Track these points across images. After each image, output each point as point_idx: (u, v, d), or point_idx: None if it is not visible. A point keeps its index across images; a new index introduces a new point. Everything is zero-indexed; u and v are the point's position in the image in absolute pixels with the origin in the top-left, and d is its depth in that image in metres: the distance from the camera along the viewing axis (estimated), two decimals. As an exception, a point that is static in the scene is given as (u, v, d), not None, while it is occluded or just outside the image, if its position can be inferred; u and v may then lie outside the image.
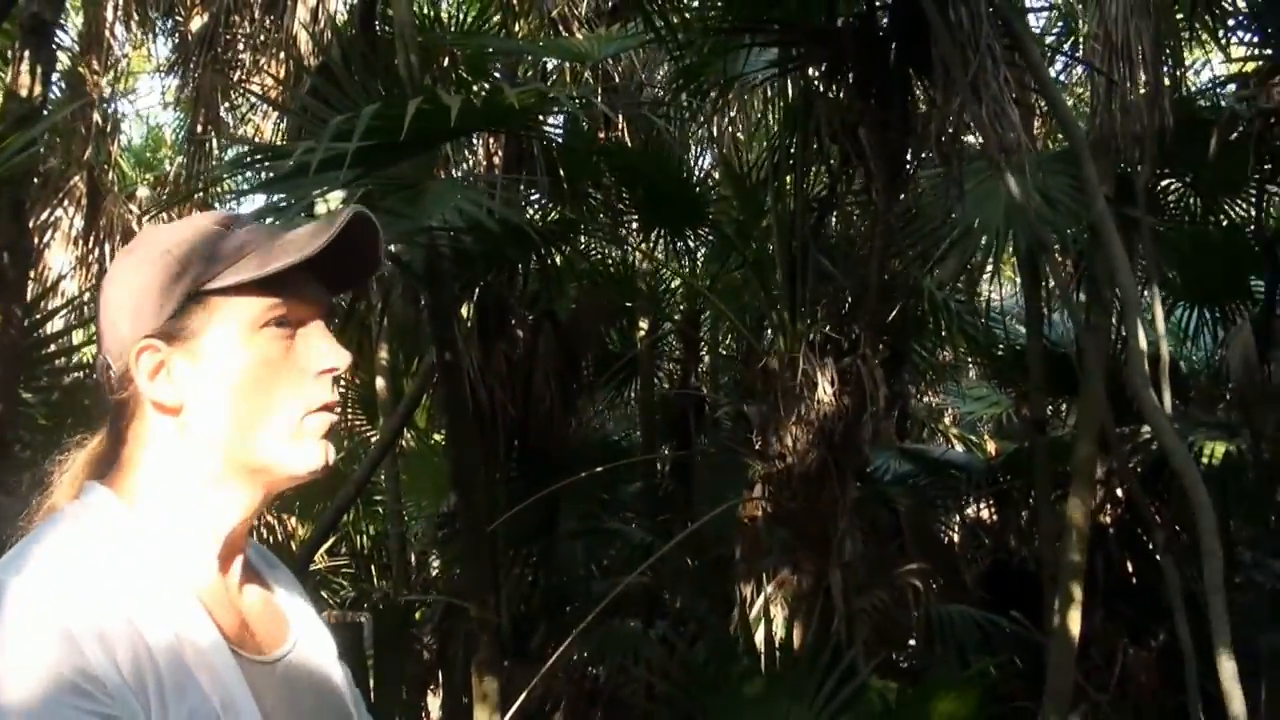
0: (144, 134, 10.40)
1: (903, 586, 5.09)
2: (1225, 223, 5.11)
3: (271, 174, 3.82)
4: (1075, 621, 4.57)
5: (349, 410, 7.19)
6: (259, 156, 4.13)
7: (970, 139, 4.53)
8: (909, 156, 4.60)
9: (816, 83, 4.57)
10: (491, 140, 5.87)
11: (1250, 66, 4.79)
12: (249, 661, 1.13)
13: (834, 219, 5.33)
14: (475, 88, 6.00)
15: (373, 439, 6.93)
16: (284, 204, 3.74)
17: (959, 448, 8.95)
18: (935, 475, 7.10)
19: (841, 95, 4.46)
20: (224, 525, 1.17)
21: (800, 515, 4.50)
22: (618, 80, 6.17)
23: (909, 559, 5.70)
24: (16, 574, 1.03)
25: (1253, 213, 5.12)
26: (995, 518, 8.06)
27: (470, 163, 6.06)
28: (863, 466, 5.92)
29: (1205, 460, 5.61)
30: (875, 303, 4.54)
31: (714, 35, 4.67)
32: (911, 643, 5.73)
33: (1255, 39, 4.80)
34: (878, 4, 4.38)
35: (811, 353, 4.46)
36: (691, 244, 6.27)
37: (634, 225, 5.98)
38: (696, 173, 6.84)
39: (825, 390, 4.45)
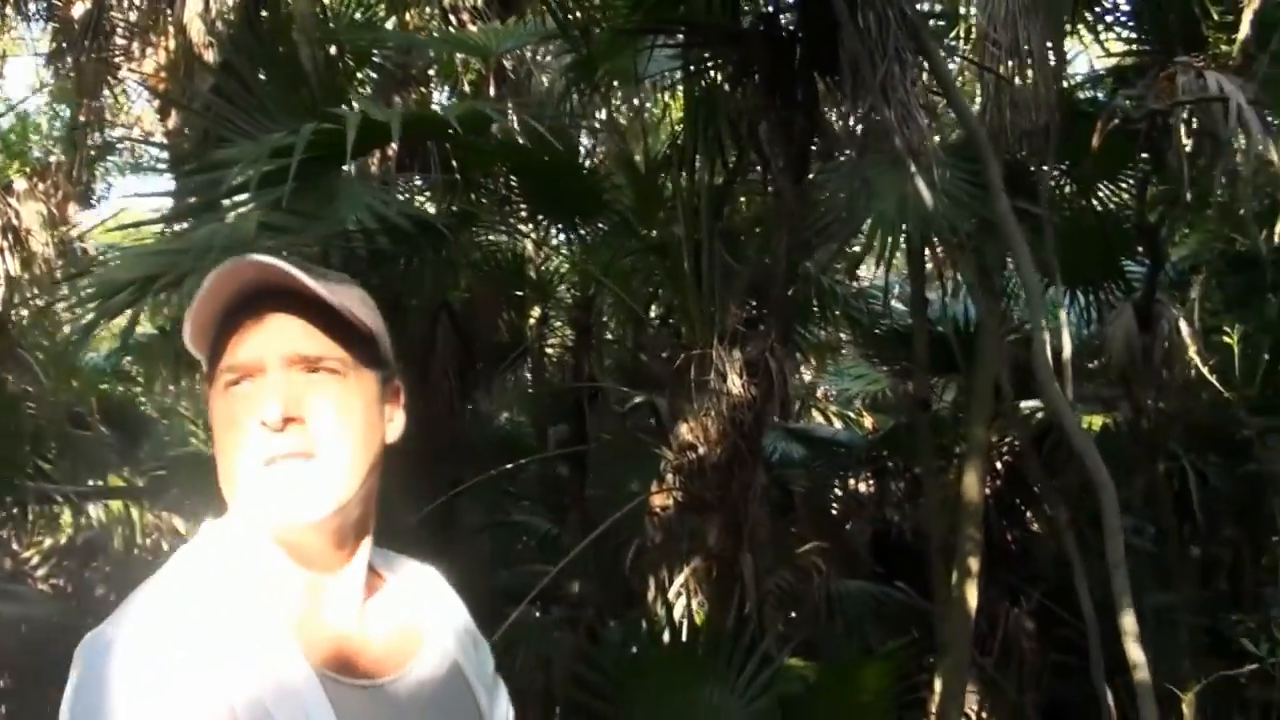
0: (12, 121, 9.94)
1: (805, 565, 5.27)
2: (1100, 210, 5.38)
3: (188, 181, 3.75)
4: (972, 594, 4.81)
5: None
6: (188, 167, 4.04)
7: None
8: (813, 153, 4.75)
9: (723, 82, 4.66)
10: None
11: (1128, 62, 5.08)
12: (348, 687, 1.17)
13: (737, 208, 5.44)
14: (359, 76, 5.96)
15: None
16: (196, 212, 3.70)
17: (837, 424, 9.23)
18: (820, 453, 7.32)
19: (748, 93, 4.58)
20: (282, 560, 1.22)
21: (713, 503, 4.63)
22: (509, 71, 6.19)
23: (804, 537, 5.89)
24: (115, 628, 1.11)
25: (1127, 201, 5.41)
26: (874, 491, 8.36)
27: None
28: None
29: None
30: (782, 293, 4.68)
31: (620, 33, 4.73)
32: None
33: (1134, 35, 5.07)
34: (783, 6, 4.50)
35: (722, 344, 4.58)
36: (583, 233, 6.32)
37: (523, 214, 6.01)
38: (591, 163, 6.88)
39: (735, 382, 4.58)
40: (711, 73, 4.85)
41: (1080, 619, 6.07)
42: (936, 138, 5.12)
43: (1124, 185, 5.33)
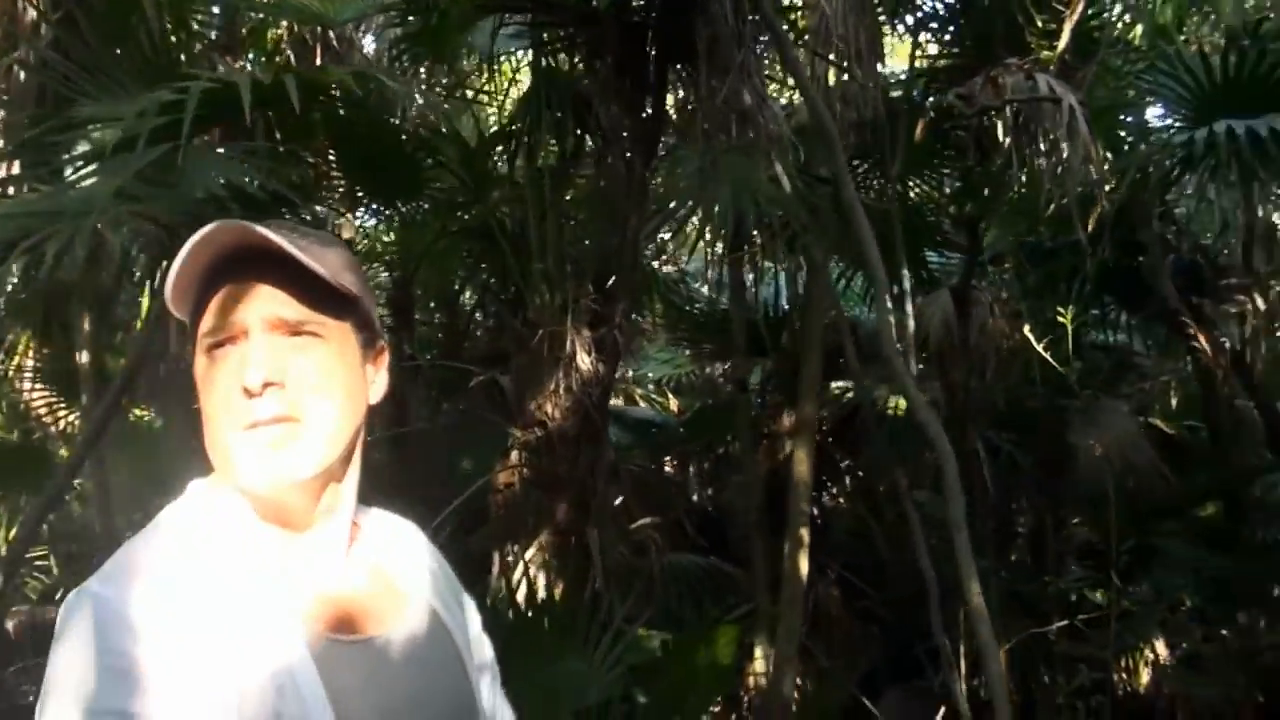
0: None
1: (641, 540, 5.39)
2: (919, 202, 5.70)
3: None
4: (804, 564, 5.03)
5: (42, 387, 6.59)
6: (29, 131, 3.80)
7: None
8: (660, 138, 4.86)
9: (577, 63, 4.71)
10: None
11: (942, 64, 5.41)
12: (334, 643, 1.19)
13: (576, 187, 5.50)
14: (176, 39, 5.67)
15: (75, 419, 6.41)
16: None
17: (643, 406, 9.42)
18: (637, 434, 7.49)
19: (598, 74, 4.64)
20: (266, 520, 1.24)
21: (563, 478, 4.68)
22: (334, 42, 6.04)
23: (634, 514, 6.02)
24: (101, 584, 1.14)
25: (944, 193, 5.76)
26: (676, 470, 8.60)
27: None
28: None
29: (891, 410, 6.31)
30: (629, 274, 4.78)
31: (470, 8, 4.70)
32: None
33: (951, 38, 5.40)
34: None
35: (571, 322, 4.64)
36: (403, 210, 6.23)
37: (341, 190, 5.89)
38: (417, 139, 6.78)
39: (584, 359, 4.64)
40: (561, 53, 4.88)
41: (879, 589, 6.49)
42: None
43: (942, 177, 5.67)
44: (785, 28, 5.80)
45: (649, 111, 4.58)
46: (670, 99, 4.82)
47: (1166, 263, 5.29)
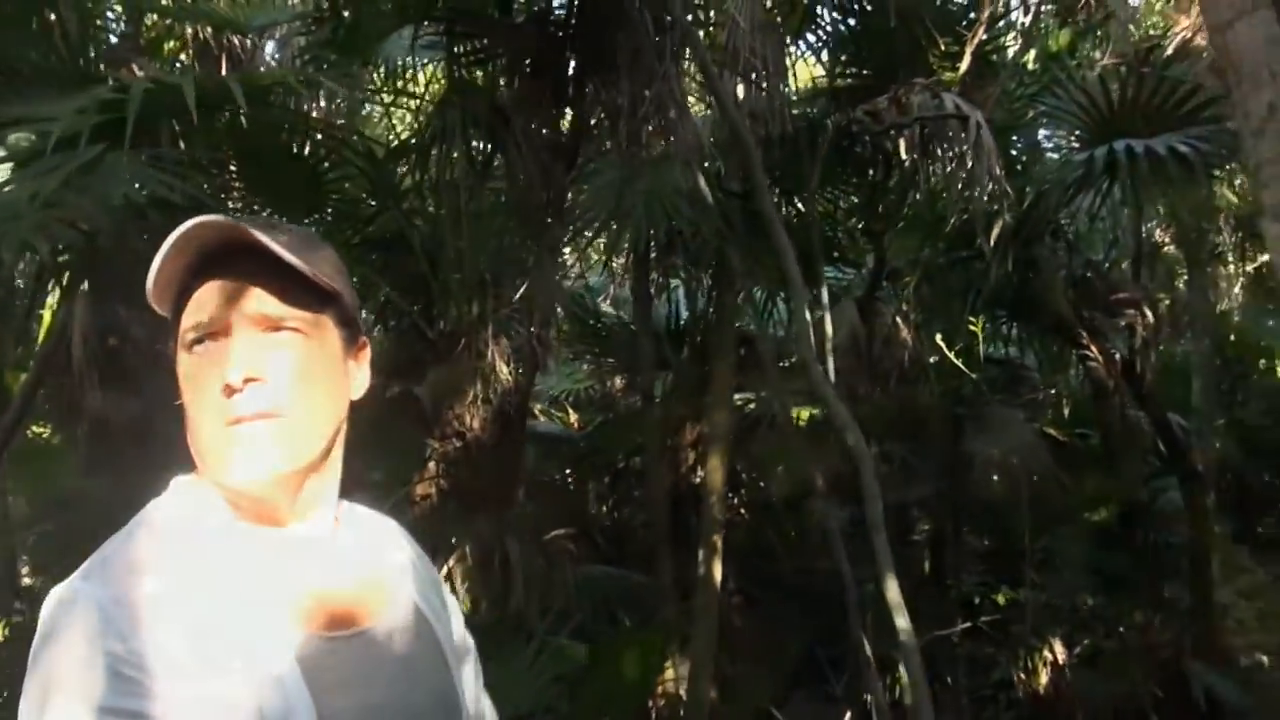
0: None
1: (556, 551, 5.39)
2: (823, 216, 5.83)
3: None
4: (718, 570, 5.09)
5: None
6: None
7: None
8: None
9: (496, 75, 4.72)
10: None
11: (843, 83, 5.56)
12: (316, 639, 1.19)
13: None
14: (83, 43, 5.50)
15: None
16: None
17: (543, 420, 9.40)
18: (544, 448, 7.49)
19: (516, 86, 4.66)
20: (249, 515, 1.23)
21: (481, 491, 4.67)
22: (237, 47, 5.93)
23: (544, 526, 6.02)
24: (83, 580, 1.13)
25: (834, 209, 5.91)
26: (579, 484, 8.60)
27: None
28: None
29: (795, 419, 6.42)
30: (548, 284, 4.80)
31: (387, 17, 4.68)
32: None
33: (849, 57, 5.55)
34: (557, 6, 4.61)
35: (489, 332, 4.64)
36: (305, 221, 6.14)
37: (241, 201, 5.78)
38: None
39: (503, 369, 4.65)
40: (477, 64, 4.89)
41: (780, 598, 6.58)
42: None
43: (842, 193, 5.82)
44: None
45: (567, 123, 4.61)
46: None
47: (1059, 278, 5.51)
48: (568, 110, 4.71)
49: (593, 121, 4.74)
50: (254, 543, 1.21)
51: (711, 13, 5.45)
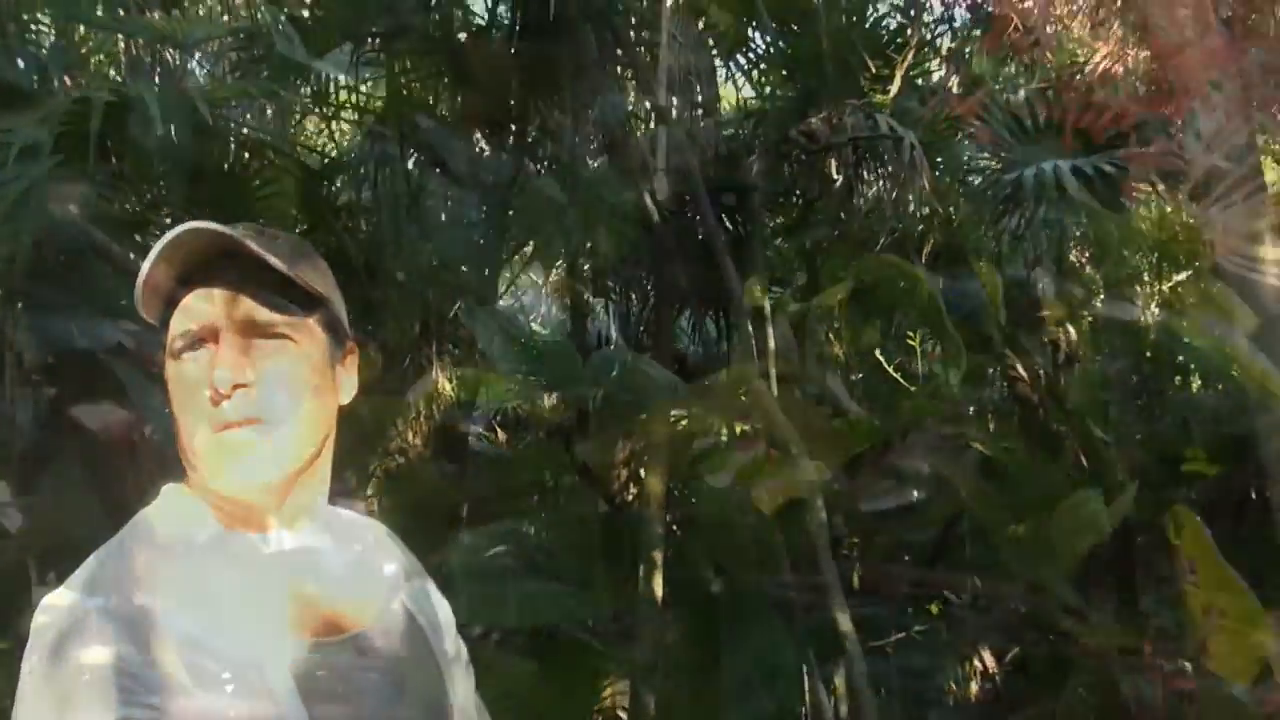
0: None
1: (497, 568, 5.38)
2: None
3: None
4: (659, 583, 5.12)
5: None
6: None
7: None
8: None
9: (440, 92, 4.74)
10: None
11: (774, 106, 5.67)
12: (307, 644, 1.19)
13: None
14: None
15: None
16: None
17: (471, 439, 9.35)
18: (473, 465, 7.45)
19: (459, 103, 4.69)
20: (238, 522, 1.24)
21: (423, 506, 4.67)
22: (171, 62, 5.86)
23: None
24: (70, 589, 1.13)
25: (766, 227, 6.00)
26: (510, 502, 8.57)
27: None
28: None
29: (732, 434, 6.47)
30: (493, 301, 4.82)
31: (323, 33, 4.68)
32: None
33: (784, 79, 5.67)
34: (500, 23, 4.65)
35: (432, 349, 4.66)
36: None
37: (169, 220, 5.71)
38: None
39: (445, 385, 4.66)
40: (417, 81, 4.90)
41: (712, 611, 6.61)
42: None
43: (776, 211, 5.92)
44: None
45: (510, 140, 4.65)
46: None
47: (987, 295, 5.64)
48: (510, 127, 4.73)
49: (532, 139, 4.78)
50: (243, 551, 1.22)
51: (645, 33, 5.53)
